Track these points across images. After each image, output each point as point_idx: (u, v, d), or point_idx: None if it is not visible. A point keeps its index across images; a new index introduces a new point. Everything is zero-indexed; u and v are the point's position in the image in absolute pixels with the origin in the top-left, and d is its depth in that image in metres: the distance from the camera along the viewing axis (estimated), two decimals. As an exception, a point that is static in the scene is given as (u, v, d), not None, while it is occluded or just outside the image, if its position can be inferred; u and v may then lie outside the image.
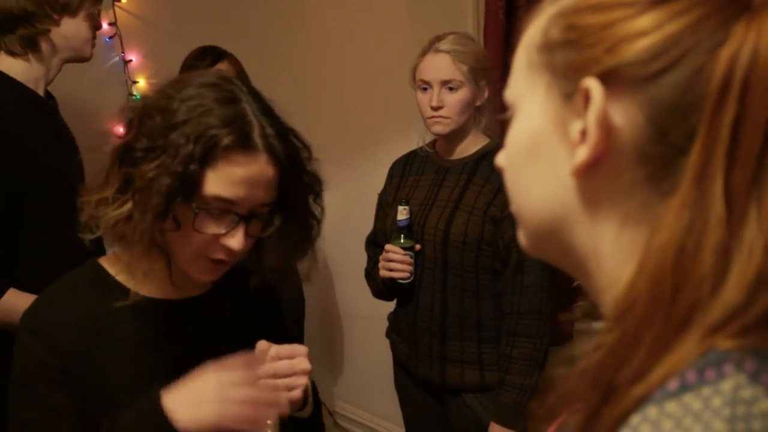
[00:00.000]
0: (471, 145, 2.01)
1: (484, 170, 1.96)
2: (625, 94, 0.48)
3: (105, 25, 2.78)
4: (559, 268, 0.59)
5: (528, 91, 0.55)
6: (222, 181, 1.01)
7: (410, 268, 1.99)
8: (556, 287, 2.62)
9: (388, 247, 2.01)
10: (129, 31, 2.84)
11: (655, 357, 0.43)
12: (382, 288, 2.11)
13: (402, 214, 1.98)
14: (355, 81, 2.87)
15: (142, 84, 2.89)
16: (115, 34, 2.80)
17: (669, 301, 0.43)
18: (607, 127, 0.48)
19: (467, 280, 1.95)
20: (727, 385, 0.41)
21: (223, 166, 1.01)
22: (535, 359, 1.89)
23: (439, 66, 1.92)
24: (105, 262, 1.16)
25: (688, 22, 0.45)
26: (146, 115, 1.03)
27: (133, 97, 2.88)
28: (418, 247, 1.99)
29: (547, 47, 0.53)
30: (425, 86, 1.95)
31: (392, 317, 2.20)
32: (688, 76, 0.45)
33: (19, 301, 1.63)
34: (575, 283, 2.10)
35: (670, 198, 0.46)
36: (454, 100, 1.92)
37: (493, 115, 2.04)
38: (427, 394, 2.10)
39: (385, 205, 2.19)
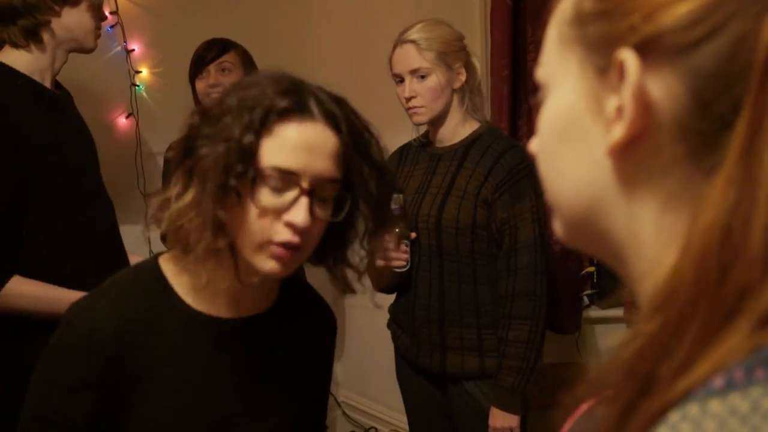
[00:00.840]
0: (461, 130, 2.02)
1: (474, 155, 1.96)
2: (664, 64, 0.45)
3: (107, 14, 2.76)
4: (596, 257, 0.55)
5: (560, 69, 0.52)
6: (279, 148, 0.98)
7: (406, 256, 2.00)
8: (566, 273, 2.60)
9: None
10: (131, 20, 2.81)
11: (700, 348, 0.40)
12: (385, 283, 2.10)
13: (395, 202, 1.98)
14: (361, 72, 2.84)
15: (145, 74, 2.87)
16: (116, 24, 2.77)
17: (716, 285, 0.40)
18: (644, 102, 0.45)
19: (463, 266, 1.95)
20: None
21: (278, 132, 0.98)
22: (532, 341, 1.89)
23: (406, 56, 1.94)
24: (166, 266, 1.08)
25: None
26: (205, 112, 1.02)
27: (137, 88, 2.86)
28: (413, 235, 2.00)
29: (580, 20, 0.50)
30: (399, 79, 1.98)
31: (392, 308, 2.20)
32: (733, 43, 0.42)
33: (23, 288, 1.64)
34: (584, 272, 2.09)
35: (715, 175, 0.42)
36: (424, 89, 1.93)
37: (480, 96, 2.06)
38: (429, 383, 2.11)
39: None
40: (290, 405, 1.14)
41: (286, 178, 0.98)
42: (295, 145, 0.98)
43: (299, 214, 0.97)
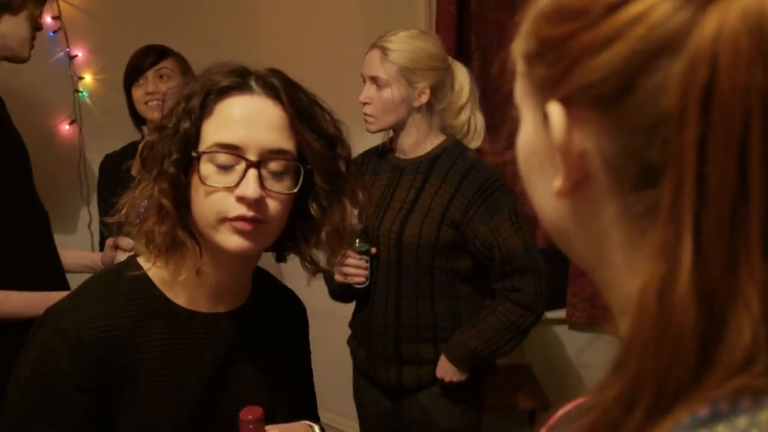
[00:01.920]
0: (426, 144, 1.94)
1: (439, 170, 1.90)
2: (590, 117, 0.42)
3: (48, 19, 2.71)
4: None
5: (523, 100, 0.51)
6: (219, 125, 0.99)
7: (366, 272, 1.95)
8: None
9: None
10: (74, 25, 2.77)
11: (653, 420, 0.38)
12: (338, 290, 2.07)
13: (355, 217, 1.93)
14: (306, 78, 2.83)
15: (88, 80, 2.83)
16: (59, 29, 2.73)
17: (657, 360, 0.38)
18: (575, 155, 0.44)
19: (422, 282, 1.91)
20: (765, 416, 0.36)
21: (218, 110, 1.00)
22: (516, 326, 1.85)
23: (370, 61, 1.88)
24: (147, 264, 1.08)
25: (646, 29, 0.39)
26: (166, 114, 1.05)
27: (80, 94, 2.82)
28: (374, 250, 1.95)
29: (527, 58, 0.48)
30: (364, 81, 1.91)
31: (351, 323, 2.16)
32: (653, 92, 0.39)
33: None
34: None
35: (651, 238, 0.40)
36: (378, 98, 1.86)
37: (458, 117, 1.97)
38: (384, 397, 2.08)
39: None
40: (277, 389, 1.16)
41: (231, 154, 0.98)
42: (235, 119, 0.99)
43: (249, 187, 0.97)
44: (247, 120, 0.99)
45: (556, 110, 0.44)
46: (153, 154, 1.01)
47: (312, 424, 1.13)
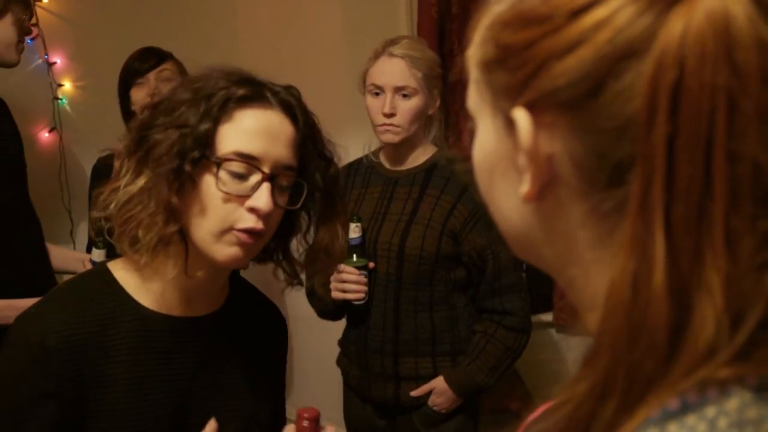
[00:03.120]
0: (420, 155, 1.93)
1: (437, 180, 1.89)
2: (557, 120, 0.43)
3: (32, 29, 2.68)
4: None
5: (480, 107, 0.51)
6: (239, 133, 0.99)
7: (365, 288, 1.90)
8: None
9: (341, 267, 1.89)
10: (52, 32, 2.74)
11: (626, 411, 0.39)
12: (330, 308, 2.01)
13: (354, 231, 1.87)
14: (288, 81, 2.82)
15: (68, 87, 2.80)
16: (37, 36, 2.69)
17: (630, 353, 0.39)
18: (542, 158, 0.44)
19: (421, 294, 1.89)
20: (732, 404, 0.37)
21: (238, 117, 0.99)
22: (513, 350, 1.88)
23: (394, 71, 1.83)
24: (115, 269, 1.06)
25: (610, 33, 0.40)
26: (155, 105, 1.02)
27: (59, 101, 2.79)
28: (372, 265, 1.91)
29: (485, 65, 0.49)
30: (377, 91, 1.85)
31: (342, 341, 2.11)
32: (621, 94, 0.40)
33: None
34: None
35: (619, 234, 0.41)
36: (406, 108, 1.82)
37: (441, 124, 2.00)
38: (378, 416, 2.03)
39: None
40: (246, 396, 1.14)
41: (247, 164, 0.98)
42: (256, 130, 0.99)
43: (262, 199, 0.97)
44: (266, 133, 1.00)
45: (522, 115, 0.44)
46: (161, 150, 0.97)
47: None
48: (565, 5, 0.42)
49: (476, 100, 0.51)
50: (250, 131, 0.99)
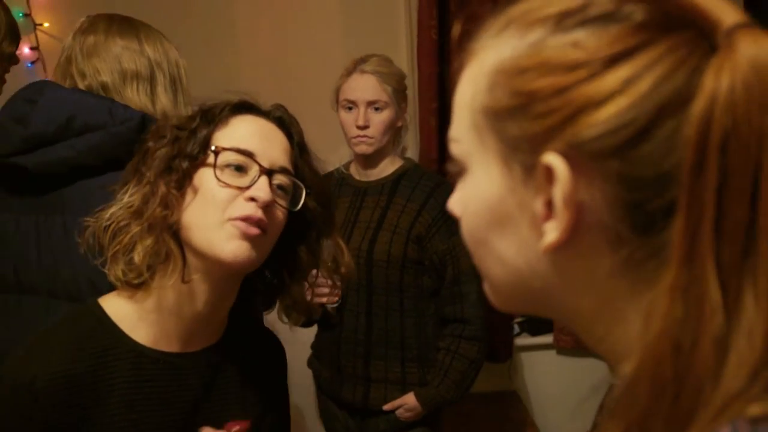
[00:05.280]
0: (388, 166, 2.06)
1: (403, 190, 2.00)
2: (593, 168, 0.42)
3: (26, 50, 2.69)
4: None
5: (478, 154, 0.49)
6: (235, 135, 1.01)
7: (339, 292, 1.98)
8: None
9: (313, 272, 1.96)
10: (53, 56, 2.72)
11: None
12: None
13: None
14: (285, 101, 2.82)
15: (67, 109, 2.80)
16: (37, 59, 2.71)
17: (672, 398, 0.39)
18: (576, 204, 0.43)
19: (391, 299, 1.98)
20: None
21: (233, 123, 1.03)
22: (476, 361, 1.98)
23: (366, 86, 1.97)
24: (107, 304, 1.02)
25: (652, 81, 0.40)
26: (156, 129, 1.04)
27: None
28: (344, 270, 1.96)
29: (495, 113, 0.47)
30: (350, 105, 1.99)
31: (315, 344, 2.19)
32: (661, 143, 0.40)
33: None
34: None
35: (658, 282, 0.40)
36: (379, 120, 1.96)
37: (405, 135, 2.12)
38: (350, 418, 2.11)
39: None
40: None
41: (245, 159, 0.99)
42: (252, 133, 1.02)
43: (261, 188, 0.97)
44: (262, 136, 1.02)
45: (558, 162, 0.43)
46: (157, 150, 0.99)
47: None
48: (601, 51, 0.41)
49: (472, 146, 0.50)
50: (246, 134, 1.02)
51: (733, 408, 0.37)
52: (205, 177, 0.98)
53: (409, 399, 1.98)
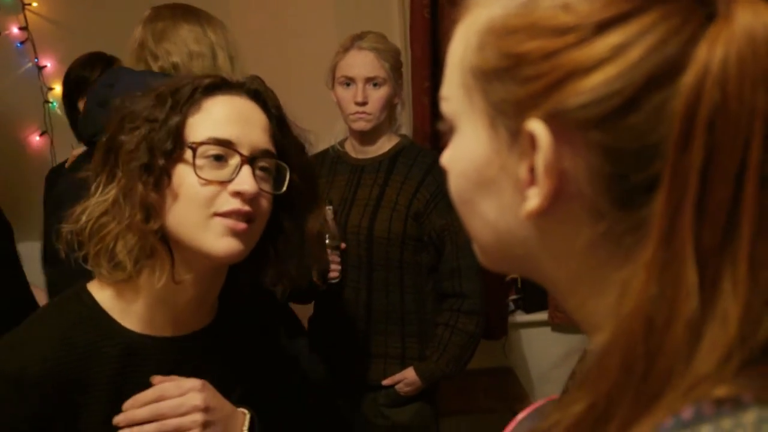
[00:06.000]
0: (385, 144, 2.05)
1: (401, 167, 2.01)
2: (577, 135, 0.41)
3: (15, 30, 2.67)
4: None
5: (467, 114, 0.48)
6: (210, 121, 0.95)
7: (340, 267, 1.99)
8: (491, 279, 2.65)
9: None
10: (42, 35, 2.72)
11: (625, 430, 0.38)
12: (303, 290, 2.04)
13: (327, 215, 1.97)
14: (280, 81, 2.81)
15: (58, 90, 2.77)
16: (26, 39, 2.68)
17: (641, 375, 0.38)
18: (558, 172, 0.42)
19: (392, 276, 1.99)
20: (749, 417, 0.36)
21: (207, 107, 0.96)
22: (475, 335, 1.99)
23: (364, 62, 1.95)
24: (95, 290, 0.99)
25: (643, 50, 0.38)
26: (123, 115, 0.97)
27: (50, 105, 2.77)
28: (343, 245, 2.00)
29: (483, 73, 0.46)
30: (348, 82, 1.97)
31: (312, 319, 2.20)
32: (648, 115, 0.38)
33: None
34: (508, 278, 2.12)
35: (636, 257, 0.39)
36: (377, 97, 1.96)
37: (403, 112, 2.12)
38: (348, 392, 2.10)
39: None
40: (260, 406, 1.06)
41: (224, 149, 0.94)
42: (227, 116, 0.96)
43: (245, 181, 0.93)
44: (239, 118, 0.96)
45: (541, 129, 0.42)
46: (130, 146, 0.92)
47: (245, 411, 1.02)
48: (592, 16, 0.40)
49: (461, 105, 0.48)
50: (221, 118, 0.95)
51: (700, 389, 0.37)
52: (184, 174, 0.93)
53: (409, 373, 1.99)
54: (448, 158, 0.51)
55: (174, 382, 0.96)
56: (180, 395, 0.94)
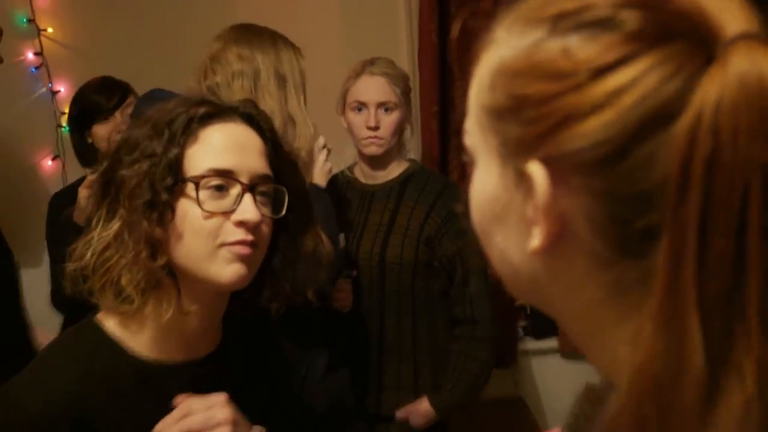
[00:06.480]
0: (395, 169, 2.05)
1: (411, 192, 2.00)
2: (574, 179, 0.41)
3: (30, 55, 2.70)
4: None
5: (483, 150, 0.49)
6: (208, 152, 0.96)
7: (351, 296, 1.97)
8: (500, 305, 2.64)
9: None
10: (56, 60, 2.75)
11: None
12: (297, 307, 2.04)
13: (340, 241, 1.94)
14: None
15: (71, 115, 2.80)
16: (41, 65, 2.71)
17: (657, 428, 0.37)
18: (557, 214, 0.42)
19: (404, 302, 1.97)
20: None
21: (203, 137, 0.97)
22: (488, 363, 1.97)
23: (377, 87, 1.96)
24: (105, 322, 1.00)
25: (638, 96, 0.38)
26: (120, 144, 0.98)
27: (63, 129, 2.80)
28: (355, 273, 1.99)
29: (495, 113, 0.46)
30: (360, 107, 1.97)
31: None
32: (643, 161, 0.38)
33: None
34: (517, 304, 2.10)
35: (645, 309, 0.38)
36: (389, 121, 1.96)
37: (411, 137, 2.14)
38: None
39: None
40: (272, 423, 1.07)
41: (224, 179, 0.95)
42: (225, 145, 0.97)
43: (248, 210, 0.95)
44: (236, 146, 0.98)
45: (538, 171, 0.42)
46: (132, 184, 0.93)
47: (262, 429, 1.02)
48: (589, 62, 0.40)
49: (479, 141, 0.49)
50: (219, 147, 0.97)
51: None
52: (187, 207, 0.95)
53: (423, 404, 1.96)
54: (471, 190, 0.52)
55: (199, 397, 0.96)
56: (207, 409, 0.95)
